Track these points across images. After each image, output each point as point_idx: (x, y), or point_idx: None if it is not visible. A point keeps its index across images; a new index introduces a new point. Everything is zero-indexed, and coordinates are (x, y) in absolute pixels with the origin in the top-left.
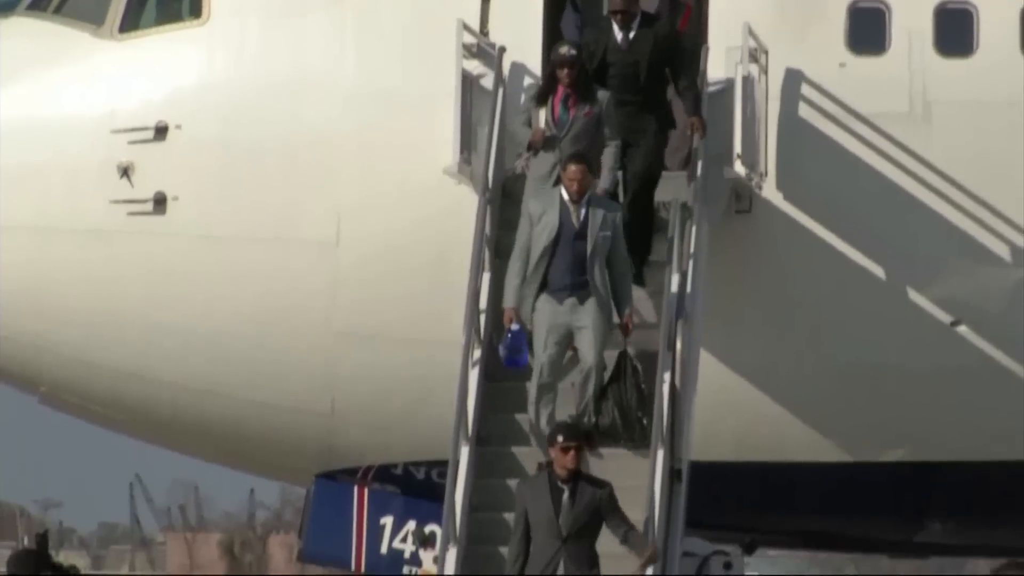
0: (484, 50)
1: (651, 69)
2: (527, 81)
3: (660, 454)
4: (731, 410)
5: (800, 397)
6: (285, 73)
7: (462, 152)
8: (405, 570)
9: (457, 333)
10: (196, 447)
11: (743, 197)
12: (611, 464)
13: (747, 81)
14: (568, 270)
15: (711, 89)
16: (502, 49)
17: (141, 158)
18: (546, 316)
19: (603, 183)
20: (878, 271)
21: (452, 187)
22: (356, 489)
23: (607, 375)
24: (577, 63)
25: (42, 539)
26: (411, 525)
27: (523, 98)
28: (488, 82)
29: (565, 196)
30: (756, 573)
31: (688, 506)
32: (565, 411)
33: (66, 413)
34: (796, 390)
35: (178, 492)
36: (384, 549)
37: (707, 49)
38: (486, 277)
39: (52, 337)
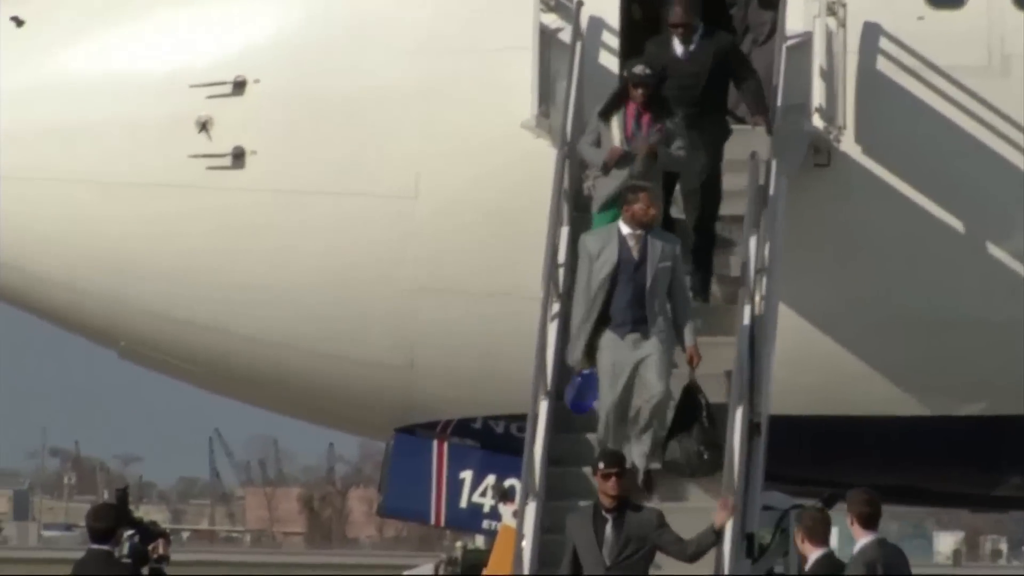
0: (562, 3)
1: (711, 80)
2: (605, 35)
3: (739, 409)
4: (810, 364)
5: (879, 351)
6: (362, 25)
7: (540, 106)
8: (484, 524)
9: (535, 287)
10: (275, 401)
11: (821, 151)
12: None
13: (825, 35)
14: (629, 305)
15: (789, 43)
16: (580, 3)
17: (219, 112)
18: (609, 354)
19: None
20: (956, 224)
21: (529, 140)
22: (435, 443)
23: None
24: (652, 82)
25: (122, 494)
26: (490, 479)
27: (591, 120)
28: (566, 36)
29: (624, 229)
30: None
31: (767, 460)
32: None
33: (146, 368)
34: (875, 344)
35: (257, 446)
36: (463, 503)
37: (785, 2)
38: (564, 231)
39: (131, 292)
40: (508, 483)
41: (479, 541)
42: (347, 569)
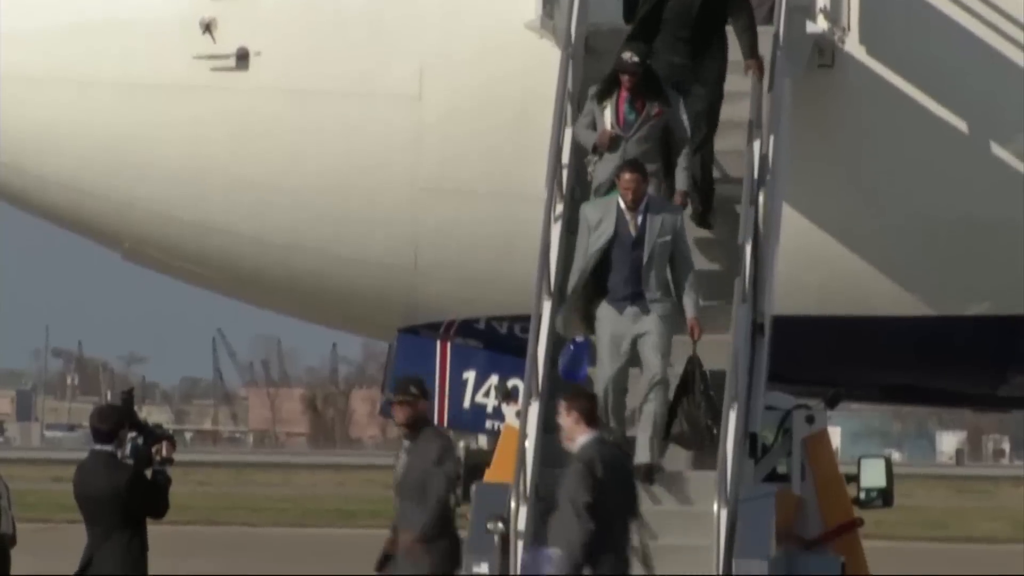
0: None
1: (705, 5)
2: None
3: (743, 308)
4: (814, 264)
5: (883, 251)
6: None
7: (544, 6)
8: (488, 424)
9: (540, 188)
10: (279, 302)
11: (825, 52)
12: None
13: None
14: (627, 280)
15: None
16: None
17: (224, 13)
18: (608, 326)
19: (678, 184)
20: (961, 125)
21: (535, 41)
22: (439, 343)
23: (675, 383)
24: (639, 71)
25: (127, 396)
26: (493, 379)
27: (586, 102)
28: None
29: (622, 204)
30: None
31: (771, 360)
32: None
33: (149, 269)
34: (879, 244)
35: (260, 347)
36: (466, 403)
37: None
38: (568, 132)
39: (135, 193)
40: (511, 383)
41: (482, 441)
42: (350, 469)
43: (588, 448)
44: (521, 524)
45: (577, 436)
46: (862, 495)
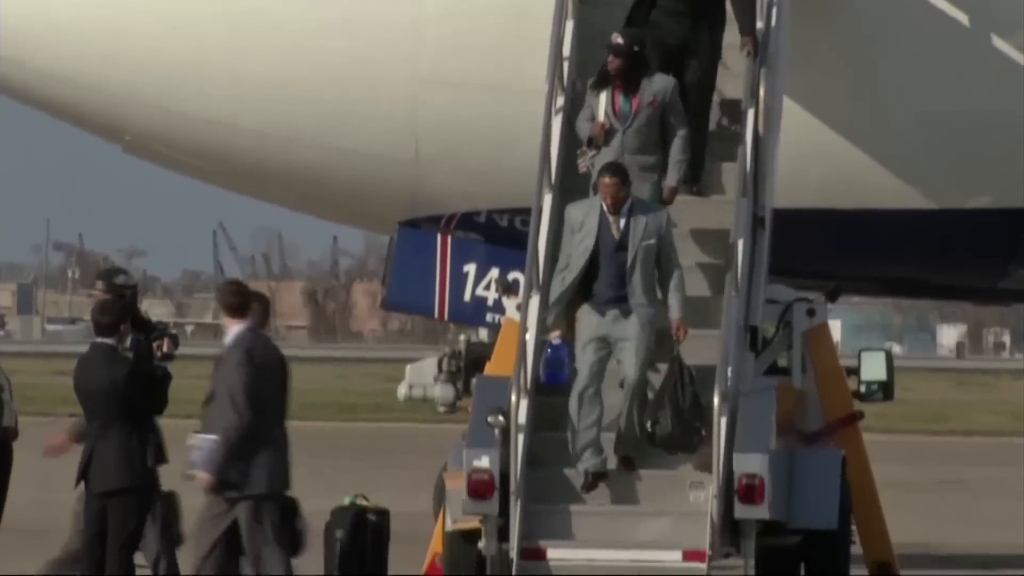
0: None
1: None
2: None
3: (743, 201)
4: (816, 157)
5: (885, 144)
6: None
7: None
8: (488, 318)
9: (541, 80)
10: (280, 195)
11: None
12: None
13: None
14: (611, 284)
15: None
16: None
17: None
18: (587, 327)
19: (670, 179)
20: (963, 17)
21: None
22: (439, 237)
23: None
24: (625, 52)
25: (132, 292)
26: (494, 273)
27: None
28: None
29: (604, 207)
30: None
31: (772, 254)
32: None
33: (151, 162)
34: (881, 137)
35: (261, 240)
36: (467, 297)
37: None
38: (569, 24)
39: (137, 86)
40: (511, 277)
41: (483, 334)
42: (351, 363)
43: (242, 337)
44: (522, 417)
45: (230, 328)
46: (863, 388)
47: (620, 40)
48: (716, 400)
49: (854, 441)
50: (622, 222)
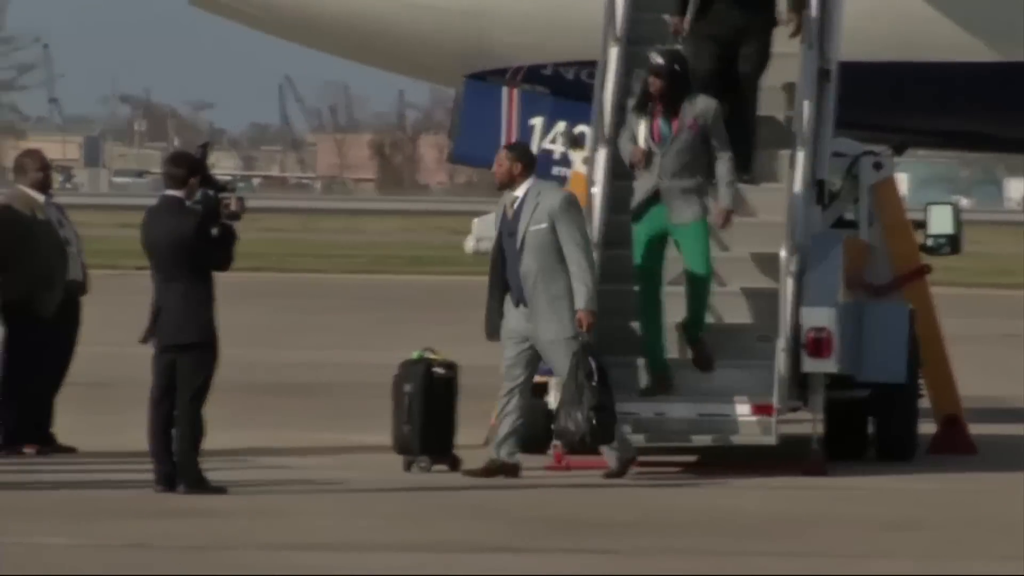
0: None
1: None
2: None
3: (810, 53)
4: (883, 10)
5: None
6: None
7: None
8: (555, 171)
9: None
10: (347, 48)
11: None
12: None
13: None
14: (512, 274)
15: None
16: None
17: None
18: (505, 327)
19: (722, 200)
20: None
21: None
22: (505, 90)
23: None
24: (666, 71)
25: (203, 149)
26: (561, 126)
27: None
28: None
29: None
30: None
31: (838, 107)
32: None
33: (217, 16)
34: None
35: (328, 93)
36: (534, 150)
37: None
38: None
39: None
40: (578, 129)
41: None
42: (418, 215)
43: None
44: None
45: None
46: (930, 242)
47: (660, 60)
48: (784, 254)
49: (922, 295)
50: (516, 205)
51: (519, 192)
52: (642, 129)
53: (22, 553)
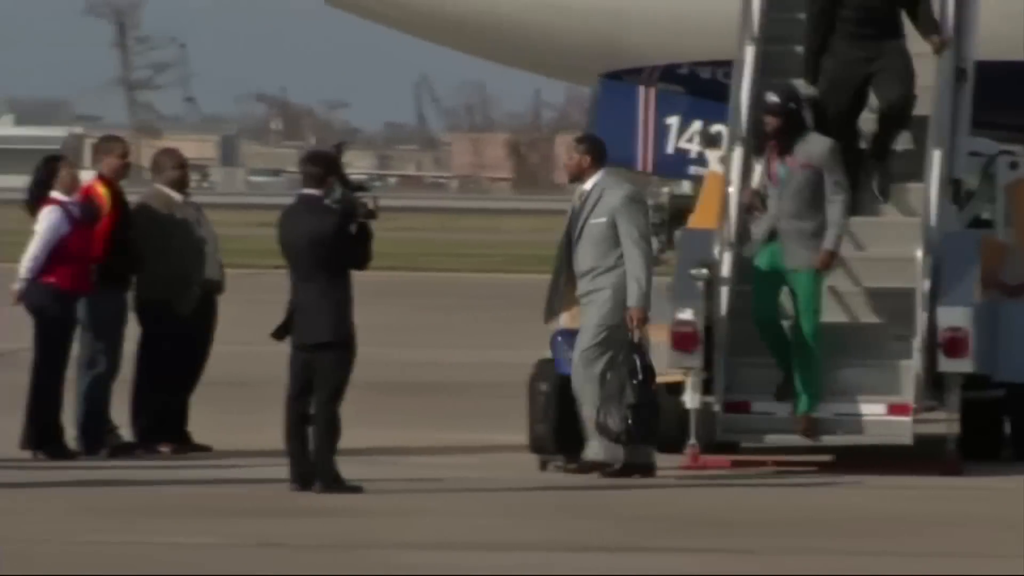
0: None
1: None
2: None
3: (947, 54)
4: (1020, 9)
5: None
6: None
7: None
8: (691, 170)
9: None
10: (484, 48)
11: None
12: None
13: None
14: (573, 263)
15: None
16: None
17: None
18: (574, 317)
19: (827, 242)
20: None
21: None
22: (642, 89)
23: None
24: (781, 110)
25: (338, 148)
26: (697, 125)
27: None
28: None
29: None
30: None
31: (975, 107)
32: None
33: (354, 15)
34: None
35: (464, 92)
36: (670, 149)
37: None
38: None
39: None
40: (715, 129)
41: (685, 187)
42: (553, 214)
43: None
44: (725, 270)
45: None
46: None
47: (776, 99)
48: (919, 254)
49: None
50: (585, 195)
51: (587, 185)
52: (758, 171)
53: (156, 552)
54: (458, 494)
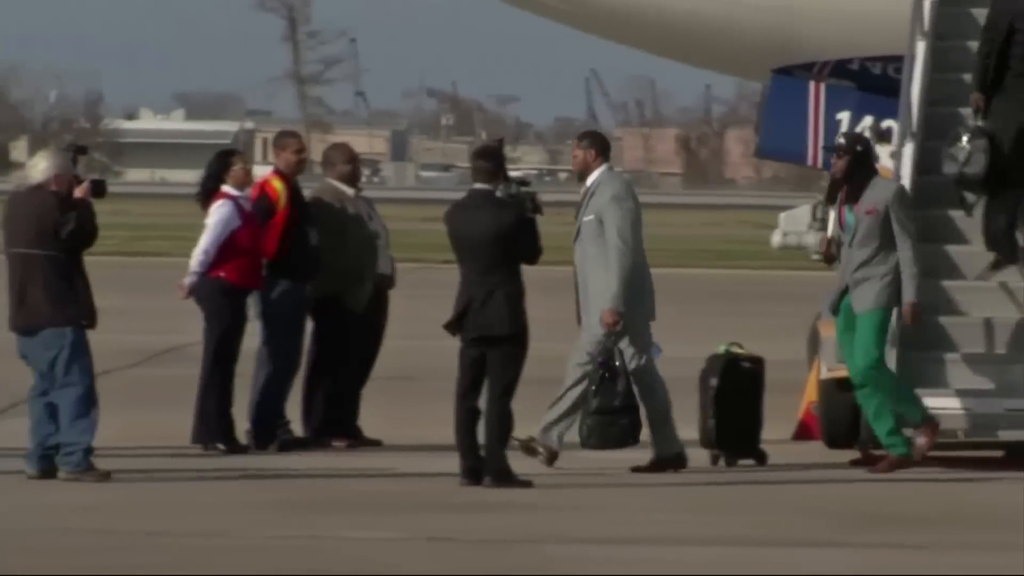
0: None
1: None
2: None
3: None
4: None
5: None
6: None
7: None
8: None
9: None
10: (653, 42)
11: None
12: None
13: None
14: (576, 263)
15: None
16: None
17: None
18: None
19: (907, 294)
20: None
21: None
22: (812, 84)
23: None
24: (847, 152)
25: (499, 144)
26: (867, 120)
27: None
28: None
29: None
30: None
31: None
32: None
33: (523, 10)
34: None
35: (634, 87)
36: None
37: None
38: None
39: None
40: (885, 124)
41: None
42: (723, 209)
43: None
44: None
45: None
46: None
47: (843, 140)
48: None
49: None
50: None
51: (588, 182)
52: (831, 219)
53: (328, 547)
54: (630, 488)
